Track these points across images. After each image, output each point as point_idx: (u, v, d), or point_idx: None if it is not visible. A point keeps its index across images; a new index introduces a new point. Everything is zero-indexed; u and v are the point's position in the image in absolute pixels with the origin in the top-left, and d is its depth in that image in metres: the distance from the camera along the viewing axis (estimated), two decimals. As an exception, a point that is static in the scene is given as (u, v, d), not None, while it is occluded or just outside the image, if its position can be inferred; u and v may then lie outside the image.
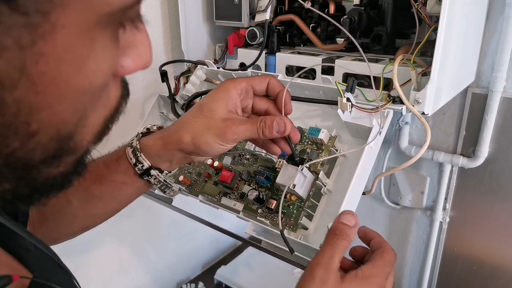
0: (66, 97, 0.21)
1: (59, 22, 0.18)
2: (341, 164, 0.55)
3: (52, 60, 0.19)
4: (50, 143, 0.22)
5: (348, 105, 0.51)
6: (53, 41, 0.18)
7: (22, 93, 0.19)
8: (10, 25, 0.17)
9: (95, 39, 0.20)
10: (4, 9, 0.16)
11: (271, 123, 0.45)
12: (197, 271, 1.22)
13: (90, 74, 0.21)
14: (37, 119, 0.20)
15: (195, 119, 0.45)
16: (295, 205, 0.53)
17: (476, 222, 0.86)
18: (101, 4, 0.19)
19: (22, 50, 0.18)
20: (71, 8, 0.18)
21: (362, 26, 0.63)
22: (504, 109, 0.74)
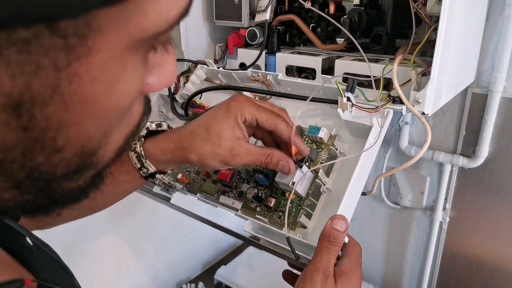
0: (94, 116, 0.21)
1: (95, 46, 0.19)
2: (340, 163, 0.55)
3: (85, 81, 0.19)
4: (74, 158, 0.22)
5: (348, 105, 0.51)
6: (88, 63, 0.19)
7: (52, 111, 0.19)
8: (48, 47, 0.17)
9: (127, 62, 0.21)
10: (45, 31, 0.17)
11: (277, 162, 0.48)
12: (197, 271, 1.22)
13: (119, 95, 0.22)
14: (63, 136, 0.21)
15: (202, 143, 0.46)
16: (294, 203, 0.53)
17: (476, 222, 0.86)
18: (136, 30, 0.20)
19: (57, 71, 0.18)
20: (107, 33, 0.19)
21: (362, 26, 0.63)
22: (504, 109, 0.74)
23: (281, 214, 0.54)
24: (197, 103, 0.66)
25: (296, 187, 0.50)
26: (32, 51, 0.17)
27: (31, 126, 0.19)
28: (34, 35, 0.17)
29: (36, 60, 0.17)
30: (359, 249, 0.48)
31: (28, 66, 0.17)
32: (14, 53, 0.17)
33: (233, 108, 0.46)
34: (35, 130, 0.19)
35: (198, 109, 0.65)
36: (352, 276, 0.44)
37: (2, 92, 0.18)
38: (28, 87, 0.18)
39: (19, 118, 0.19)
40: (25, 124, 0.19)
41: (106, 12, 0.18)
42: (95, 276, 0.92)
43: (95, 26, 0.18)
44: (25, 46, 0.17)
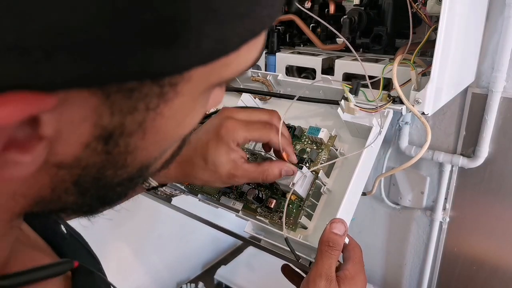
0: (162, 143, 0.25)
1: (181, 91, 0.21)
2: (341, 164, 0.55)
3: (165, 118, 0.22)
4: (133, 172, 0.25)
5: (355, 110, 0.51)
6: (172, 104, 0.22)
7: (133, 140, 0.22)
8: (146, 94, 0.20)
9: (199, 102, 0.24)
10: (147, 83, 0.20)
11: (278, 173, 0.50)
12: (197, 271, 1.22)
13: (186, 127, 0.25)
14: (132, 157, 0.24)
15: (202, 171, 0.48)
16: (294, 204, 0.53)
17: (476, 222, 0.86)
18: (216, 78, 0.23)
19: (147, 111, 0.21)
20: (194, 81, 0.21)
21: (362, 26, 0.63)
22: (504, 109, 0.74)
23: (281, 215, 0.54)
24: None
25: (296, 188, 0.50)
26: (133, 96, 0.20)
27: (113, 151, 0.22)
28: (139, 86, 0.20)
29: (135, 103, 0.20)
30: (361, 251, 0.48)
31: (127, 107, 0.20)
32: (119, 97, 0.19)
33: (224, 136, 0.47)
34: (115, 154, 0.22)
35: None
36: (357, 280, 0.44)
37: (100, 126, 0.20)
38: (122, 122, 0.21)
39: (105, 144, 0.21)
40: (109, 149, 0.22)
41: (199, 68, 0.21)
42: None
43: (187, 77, 0.21)
44: (129, 93, 0.20)
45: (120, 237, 0.96)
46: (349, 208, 0.49)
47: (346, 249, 0.48)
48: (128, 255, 1.01)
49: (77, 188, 0.24)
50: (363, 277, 0.45)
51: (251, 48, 0.23)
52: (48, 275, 0.27)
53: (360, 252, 0.48)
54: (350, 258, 0.46)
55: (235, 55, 0.22)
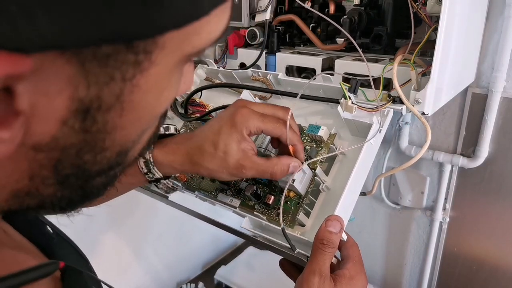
0: (140, 121, 0.24)
1: (156, 60, 0.21)
2: (340, 162, 0.55)
3: (142, 91, 0.22)
4: (112, 157, 0.25)
5: (353, 108, 0.51)
6: (148, 75, 0.21)
7: (111, 116, 0.22)
8: (122, 61, 0.20)
9: (173, 73, 0.24)
10: (122, 48, 0.19)
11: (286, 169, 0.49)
12: (197, 271, 1.22)
13: (163, 102, 0.25)
14: (111, 138, 0.23)
15: (210, 158, 0.47)
16: (293, 201, 0.53)
17: (476, 222, 0.86)
18: (188, 48, 0.22)
19: (123, 82, 0.21)
20: (167, 49, 0.21)
21: (362, 26, 0.63)
22: (504, 109, 0.74)
23: (279, 212, 0.54)
24: (197, 102, 0.66)
25: (296, 184, 0.50)
26: (109, 64, 0.19)
27: (91, 129, 0.22)
28: (114, 52, 0.19)
29: (110, 72, 0.20)
30: (359, 249, 0.48)
31: (103, 77, 0.20)
32: (94, 66, 0.19)
33: (238, 123, 0.46)
34: (93, 132, 0.22)
35: (198, 108, 0.65)
36: (357, 280, 0.44)
37: (76, 99, 0.20)
38: (99, 95, 0.20)
39: (83, 121, 0.21)
40: (87, 127, 0.21)
41: (172, 33, 0.21)
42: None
43: (160, 44, 0.21)
44: (104, 60, 0.19)
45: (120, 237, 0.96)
46: (348, 206, 0.49)
47: (344, 247, 0.47)
48: (128, 255, 1.01)
49: (55, 176, 0.23)
50: (364, 277, 0.45)
51: (220, 13, 0.23)
52: (34, 277, 0.27)
53: (359, 250, 0.47)
54: (350, 257, 0.46)
55: (205, 20, 0.22)
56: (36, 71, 0.18)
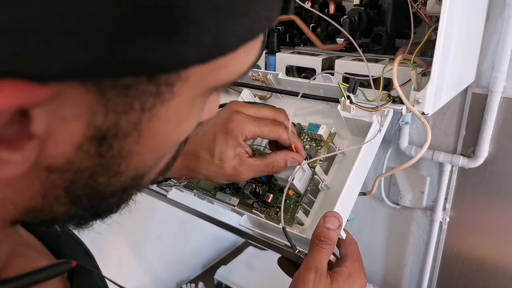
0: (156, 148, 0.24)
1: (178, 92, 0.21)
2: (339, 161, 0.55)
3: (161, 120, 0.22)
4: (127, 180, 0.24)
5: (351, 108, 0.51)
6: (168, 106, 0.21)
7: (127, 143, 0.22)
8: (143, 92, 0.19)
9: (195, 106, 0.24)
10: (143, 80, 0.19)
11: (284, 164, 0.49)
12: (197, 271, 1.22)
13: (182, 132, 0.25)
14: (126, 163, 0.23)
15: (206, 165, 0.47)
16: (292, 199, 0.53)
17: (476, 222, 0.86)
18: (213, 80, 0.22)
19: (143, 112, 0.20)
20: (191, 82, 0.21)
21: (362, 26, 0.63)
22: (504, 109, 0.74)
23: (278, 210, 0.54)
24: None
25: (295, 182, 0.50)
26: (129, 94, 0.19)
27: (106, 155, 0.21)
28: (135, 83, 0.19)
29: (130, 102, 0.19)
30: (358, 247, 0.47)
31: (122, 106, 0.19)
32: (114, 95, 0.19)
33: (233, 130, 0.46)
34: (108, 158, 0.22)
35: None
36: (356, 278, 0.44)
37: (93, 125, 0.19)
38: (116, 123, 0.20)
39: (99, 147, 0.21)
40: (102, 152, 0.21)
41: (196, 67, 0.20)
42: (95, 276, 0.92)
43: (183, 77, 0.20)
44: (125, 91, 0.19)
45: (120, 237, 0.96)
46: (347, 204, 0.49)
47: (342, 245, 0.47)
48: (128, 255, 1.01)
49: (68, 196, 0.23)
50: (363, 275, 0.45)
51: (248, 50, 0.23)
52: (47, 276, 0.27)
53: (358, 248, 0.47)
54: (348, 255, 0.46)
55: (232, 57, 0.21)
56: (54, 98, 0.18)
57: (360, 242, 0.49)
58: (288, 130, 0.49)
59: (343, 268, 0.44)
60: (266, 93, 0.64)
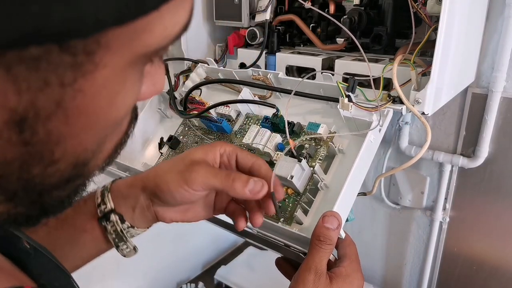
0: (93, 128, 0.22)
1: (101, 62, 0.19)
2: (339, 160, 0.55)
3: (88, 96, 0.19)
4: (68, 169, 0.22)
5: (349, 106, 0.51)
6: (93, 79, 0.19)
7: (54, 125, 0.19)
8: (57, 64, 0.17)
9: (127, 76, 0.21)
10: (55, 49, 0.17)
11: (247, 179, 0.41)
12: (197, 271, 1.22)
13: (118, 107, 0.22)
14: (61, 148, 0.21)
15: (168, 161, 0.44)
16: (291, 198, 0.53)
17: (476, 222, 0.86)
18: (140, 46, 0.20)
19: (63, 87, 0.18)
20: (114, 49, 0.19)
21: (362, 26, 0.63)
22: (504, 109, 0.74)
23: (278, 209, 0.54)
24: (197, 99, 0.66)
25: (294, 180, 0.50)
26: (40, 68, 0.17)
27: (32, 140, 0.19)
28: (44, 53, 0.17)
29: (44, 77, 0.18)
30: (356, 248, 0.47)
31: (35, 82, 0.17)
32: (22, 70, 0.17)
33: (212, 144, 0.44)
34: (36, 144, 0.19)
35: (197, 105, 0.65)
36: (353, 278, 0.43)
37: (7, 108, 0.18)
38: (34, 102, 0.18)
39: (21, 133, 0.19)
40: (26, 139, 0.19)
41: (115, 30, 0.18)
42: (95, 277, 0.92)
43: (103, 43, 0.18)
44: (34, 63, 0.17)
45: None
46: (346, 204, 0.49)
47: (341, 245, 0.47)
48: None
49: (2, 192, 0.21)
50: (360, 275, 0.45)
51: (175, 8, 0.20)
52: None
53: (356, 249, 0.47)
54: (346, 255, 0.45)
55: (156, 16, 0.19)
56: None
57: (360, 242, 0.49)
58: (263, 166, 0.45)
59: (341, 269, 0.44)
60: (266, 92, 0.64)
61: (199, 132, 0.66)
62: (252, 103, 0.62)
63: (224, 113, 0.63)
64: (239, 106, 0.62)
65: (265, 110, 0.61)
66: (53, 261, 0.35)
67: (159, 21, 0.20)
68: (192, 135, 0.67)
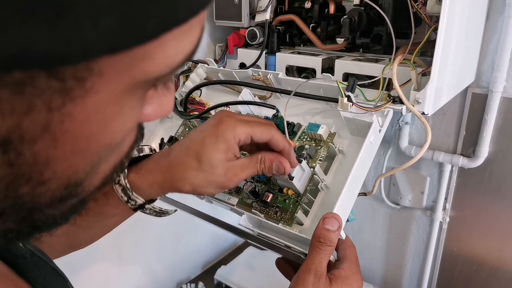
0: (85, 152, 0.21)
1: (93, 88, 0.18)
2: (339, 161, 0.55)
3: (77, 121, 0.19)
4: (59, 189, 0.22)
5: (348, 105, 0.52)
6: (83, 104, 0.18)
7: (41, 147, 0.19)
8: (43, 89, 0.17)
9: (124, 102, 0.20)
10: (41, 75, 0.16)
11: (270, 165, 0.46)
12: (197, 271, 1.22)
13: (113, 132, 0.21)
14: (50, 170, 0.20)
15: (195, 173, 0.44)
16: (291, 199, 0.53)
17: (476, 222, 0.86)
18: (139, 74, 0.19)
19: (50, 111, 0.18)
20: (107, 76, 0.18)
21: (362, 26, 0.63)
22: (504, 109, 0.74)
23: (277, 210, 0.54)
24: (197, 100, 0.66)
25: (294, 181, 0.50)
26: (25, 92, 0.17)
27: (17, 162, 0.19)
28: (29, 78, 0.16)
29: (29, 101, 0.17)
30: (355, 250, 0.47)
31: (20, 106, 0.17)
32: (6, 93, 0.16)
33: (224, 132, 0.43)
34: (22, 165, 0.19)
35: (198, 106, 0.65)
36: (352, 280, 0.44)
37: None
38: (18, 126, 0.17)
39: (5, 154, 0.18)
40: (11, 160, 0.18)
41: (109, 58, 0.17)
42: (94, 277, 0.92)
43: (96, 70, 0.18)
44: (18, 87, 0.16)
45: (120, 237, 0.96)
46: (346, 205, 0.49)
47: (341, 247, 0.47)
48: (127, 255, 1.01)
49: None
50: (359, 277, 0.45)
51: (180, 36, 0.20)
52: None
53: (356, 251, 0.47)
54: (346, 257, 0.46)
55: (157, 45, 0.19)
56: None
57: (360, 242, 0.49)
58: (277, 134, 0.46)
59: (340, 270, 0.44)
60: (266, 92, 0.64)
61: (199, 132, 0.66)
62: (253, 104, 0.62)
63: (224, 113, 0.63)
64: (239, 106, 0.63)
65: (265, 110, 0.61)
66: (50, 265, 0.35)
67: (160, 49, 0.19)
68: (192, 135, 0.67)
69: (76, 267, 0.85)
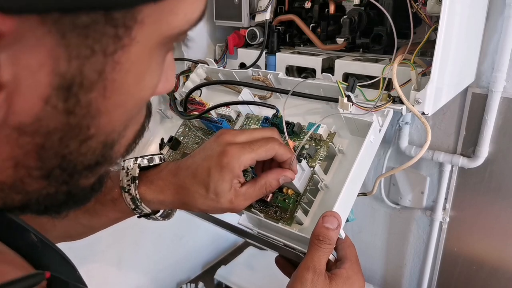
0: (123, 106, 0.24)
1: (136, 37, 0.21)
2: (339, 161, 0.55)
3: (123, 70, 0.22)
4: (98, 148, 0.24)
5: (348, 105, 0.52)
6: (128, 53, 0.21)
7: (94, 96, 0.21)
8: (102, 34, 0.20)
9: (153, 57, 0.24)
10: (101, 19, 0.19)
11: (275, 184, 0.48)
12: (197, 271, 1.22)
13: (145, 87, 0.24)
14: (96, 124, 0.23)
15: (202, 200, 0.46)
16: (291, 199, 0.53)
17: (476, 222, 0.86)
18: (168, 27, 0.23)
19: (105, 57, 0.20)
20: (146, 26, 0.21)
21: (362, 26, 0.63)
22: (504, 109, 0.74)
23: (277, 209, 0.54)
24: (197, 100, 0.66)
25: (294, 181, 0.50)
26: (89, 35, 0.19)
27: (74, 110, 0.21)
28: (93, 22, 0.19)
29: (91, 45, 0.20)
30: (355, 250, 0.47)
31: (84, 50, 0.19)
32: (74, 36, 0.19)
33: (229, 163, 0.45)
34: (77, 115, 0.21)
35: (198, 106, 0.65)
36: (355, 280, 0.44)
37: (58, 73, 0.20)
38: (81, 70, 0.20)
39: (66, 101, 0.20)
40: (70, 108, 0.21)
41: (149, 8, 0.21)
42: (95, 277, 0.92)
43: (139, 19, 0.20)
44: (84, 30, 0.19)
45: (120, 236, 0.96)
46: (346, 204, 0.49)
47: (340, 246, 0.47)
48: (127, 255, 1.01)
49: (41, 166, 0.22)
50: (361, 277, 0.45)
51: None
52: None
53: (356, 251, 0.47)
54: (347, 257, 0.46)
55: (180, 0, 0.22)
56: (17, 39, 0.18)
57: (360, 242, 0.49)
58: (281, 146, 0.47)
59: (342, 270, 0.44)
60: (266, 92, 0.64)
61: (199, 133, 0.66)
62: (253, 104, 0.62)
63: (224, 113, 0.63)
64: (239, 106, 0.63)
65: (265, 110, 0.61)
66: (59, 254, 0.36)
67: (182, 4, 0.23)
68: (193, 135, 0.67)
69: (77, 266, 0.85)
